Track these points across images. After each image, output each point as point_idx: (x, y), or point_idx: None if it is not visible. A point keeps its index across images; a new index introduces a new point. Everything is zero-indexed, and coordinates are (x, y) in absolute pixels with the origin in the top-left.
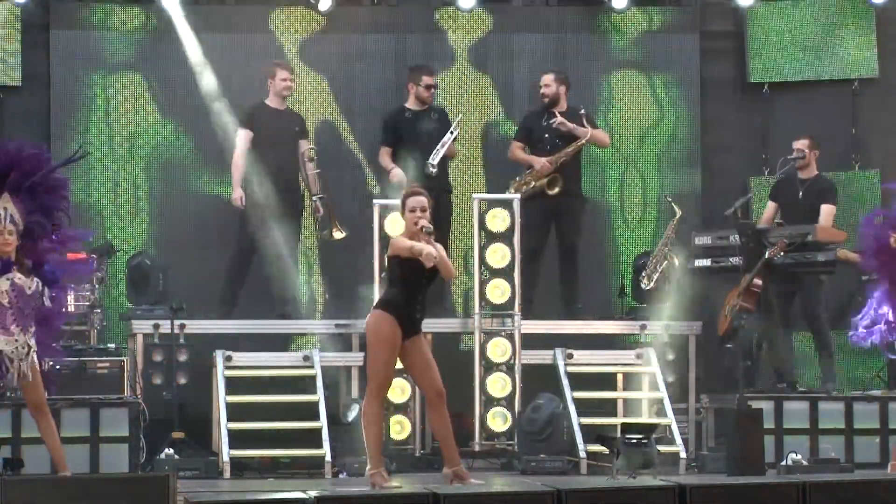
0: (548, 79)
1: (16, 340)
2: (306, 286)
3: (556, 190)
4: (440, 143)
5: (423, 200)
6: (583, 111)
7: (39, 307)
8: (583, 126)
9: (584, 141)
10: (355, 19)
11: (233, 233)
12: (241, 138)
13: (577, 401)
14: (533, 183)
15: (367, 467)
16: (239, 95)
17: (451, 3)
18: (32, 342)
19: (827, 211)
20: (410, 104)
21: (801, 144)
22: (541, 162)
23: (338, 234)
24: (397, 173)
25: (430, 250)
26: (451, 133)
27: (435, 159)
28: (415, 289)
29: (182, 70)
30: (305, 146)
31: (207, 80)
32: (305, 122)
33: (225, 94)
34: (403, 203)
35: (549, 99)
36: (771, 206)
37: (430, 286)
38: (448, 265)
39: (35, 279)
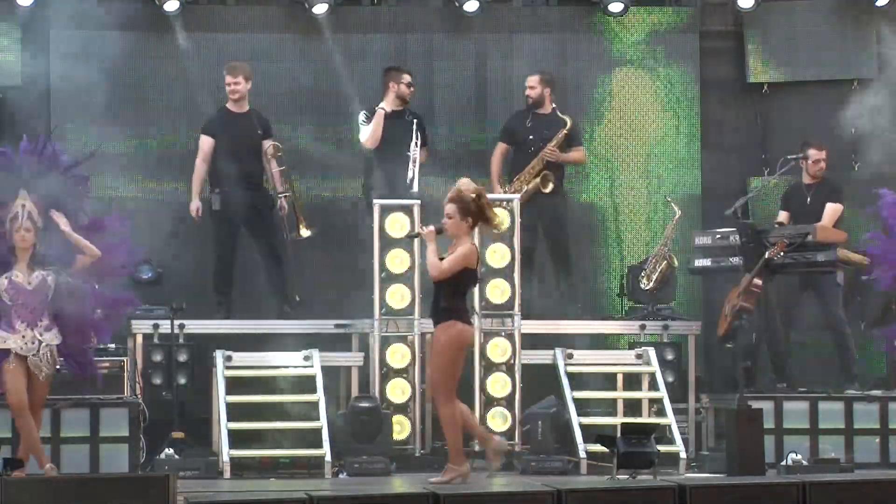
0: (533, 80)
1: (23, 337)
2: (301, 285)
3: (550, 187)
4: (411, 160)
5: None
6: (570, 123)
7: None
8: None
9: (565, 131)
10: (355, 19)
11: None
12: (201, 145)
13: (577, 401)
14: (525, 186)
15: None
16: None
17: (451, 2)
18: (46, 336)
19: (832, 210)
20: (389, 105)
21: (822, 154)
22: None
23: (304, 232)
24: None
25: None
26: (415, 145)
27: (414, 183)
28: (468, 295)
29: (181, 70)
30: (268, 144)
31: None
32: (269, 123)
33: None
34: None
35: (533, 100)
36: (783, 215)
37: (440, 284)
38: (433, 263)
39: (38, 273)
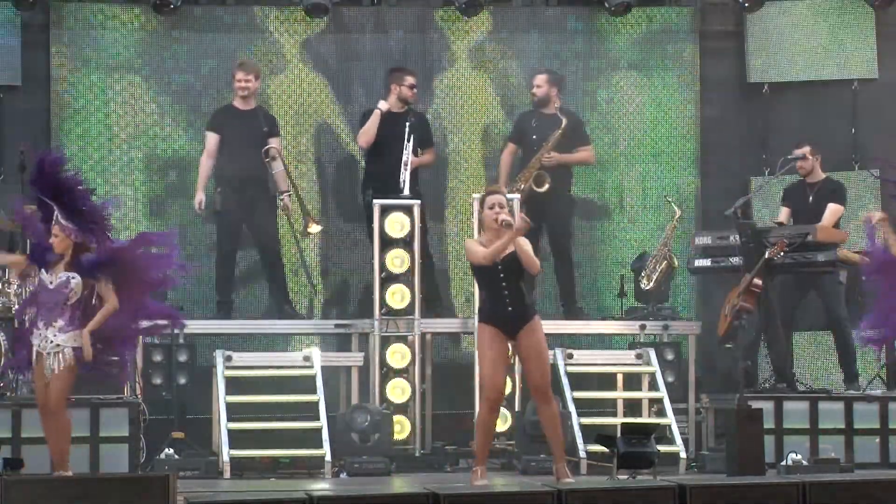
0: (540, 79)
1: (40, 335)
2: (301, 285)
3: (546, 187)
4: (403, 164)
5: (500, 198)
6: (564, 123)
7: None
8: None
9: (559, 132)
10: (355, 19)
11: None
12: (207, 141)
13: (577, 401)
14: (522, 185)
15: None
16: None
17: (452, 2)
18: (60, 338)
19: (833, 210)
20: (391, 105)
21: (802, 152)
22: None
23: (313, 229)
24: None
25: (506, 219)
26: (407, 149)
27: (406, 186)
28: (497, 287)
29: (181, 70)
30: (271, 143)
31: None
32: (275, 121)
33: (225, 94)
34: (482, 203)
35: (538, 99)
36: (784, 212)
37: (519, 278)
38: (533, 259)
39: (63, 274)
